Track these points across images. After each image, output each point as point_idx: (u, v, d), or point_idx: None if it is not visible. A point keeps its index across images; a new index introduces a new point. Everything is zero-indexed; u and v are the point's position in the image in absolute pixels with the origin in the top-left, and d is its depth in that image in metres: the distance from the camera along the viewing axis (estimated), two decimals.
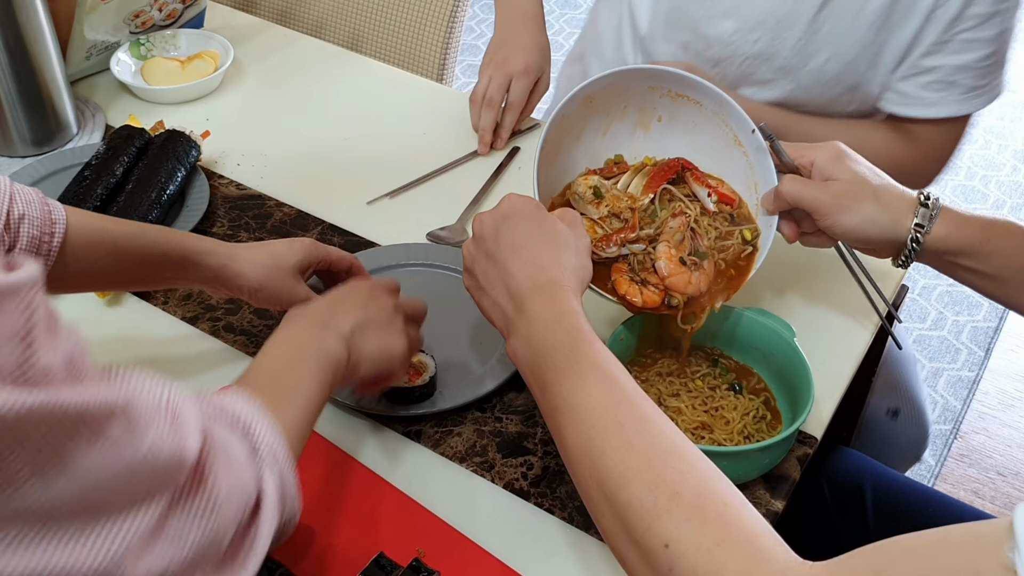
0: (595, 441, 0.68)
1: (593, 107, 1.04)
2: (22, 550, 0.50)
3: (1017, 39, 1.24)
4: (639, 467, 0.66)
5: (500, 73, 1.34)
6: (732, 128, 1.02)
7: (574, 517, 0.89)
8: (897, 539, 0.57)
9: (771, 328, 0.98)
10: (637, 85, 1.04)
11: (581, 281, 0.81)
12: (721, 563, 0.60)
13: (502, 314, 0.80)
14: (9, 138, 1.28)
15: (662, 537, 0.62)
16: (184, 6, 1.50)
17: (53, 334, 0.50)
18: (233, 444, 0.64)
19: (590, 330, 0.75)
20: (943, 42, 1.20)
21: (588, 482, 0.69)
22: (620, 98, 1.04)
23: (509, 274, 0.79)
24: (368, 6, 1.74)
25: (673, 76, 1.02)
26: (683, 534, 0.62)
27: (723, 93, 1.00)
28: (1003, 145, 3.04)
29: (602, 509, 0.68)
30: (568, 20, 3.59)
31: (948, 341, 2.38)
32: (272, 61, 1.51)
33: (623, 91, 1.04)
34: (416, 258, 1.14)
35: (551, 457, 0.94)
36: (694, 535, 0.62)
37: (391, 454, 0.94)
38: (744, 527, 0.62)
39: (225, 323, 1.07)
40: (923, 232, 0.92)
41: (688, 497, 0.63)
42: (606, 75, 1.00)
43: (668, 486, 0.64)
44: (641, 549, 0.64)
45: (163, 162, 1.18)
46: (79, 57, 1.40)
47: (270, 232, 1.18)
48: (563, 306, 0.76)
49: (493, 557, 0.85)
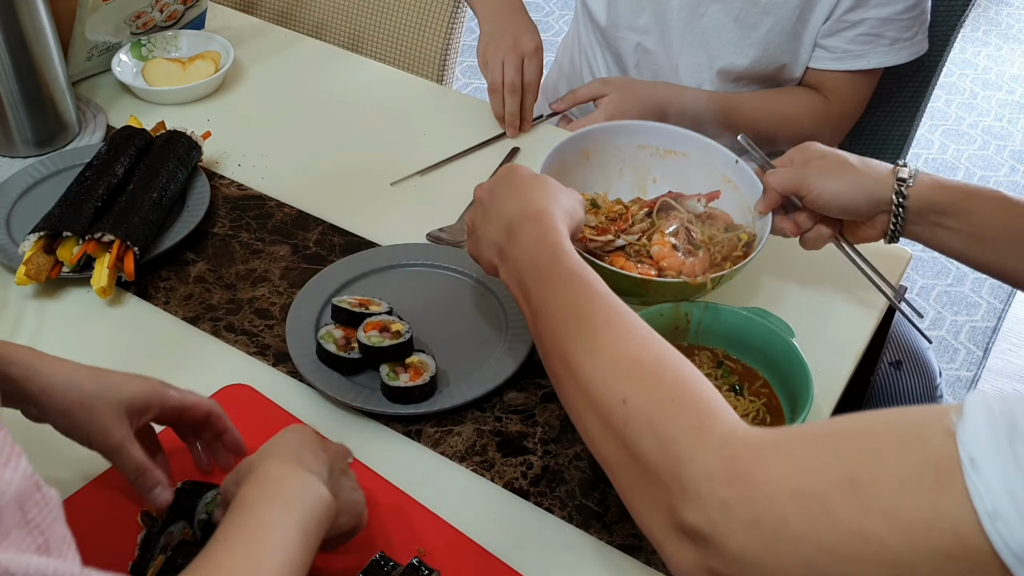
0: (568, 329, 0.73)
1: (590, 164, 1.15)
2: None
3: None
4: (604, 345, 0.70)
5: (513, 55, 1.36)
6: (719, 168, 1.12)
7: (574, 517, 0.89)
8: (849, 414, 0.60)
9: (771, 328, 0.98)
10: (627, 143, 1.16)
11: (570, 218, 0.87)
12: (674, 415, 0.63)
13: (495, 249, 0.86)
14: (11, 138, 1.29)
15: (621, 394, 0.66)
16: (185, 7, 1.50)
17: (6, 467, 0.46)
18: None
19: (570, 247, 0.81)
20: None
21: (556, 363, 0.73)
22: (616, 158, 1.16)
23: (500, 212, 0.87)
24: (368, 7, 1.74)
25: (658, 131, 1.15)
26: (640, 390, 0.66)
27: (703, 138, 1.13)
28: (1001, 146, 3.04)
29: (566, 384, 0.72)
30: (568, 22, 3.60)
31: (947, 341, 2.39)
32: (273, 62, 1.51)
33: (616, 149, 1.16)
34: (416, 258, 1.14)
35: (551, 457, 0.94)
36: (651, 391, 0.65)
37: (391, 454, 0.94)
38: (700, 392, 0.65)
39: (226, 323, 1.07)
40: (906, 186, 0.97)
41: (648, 364, 0.68)
42: (598, 128, 1.15)
43: (630, 356, 0.69)
44: (600, 410, 0.67)
45: (164, 163, 1.19)
46: (80, 58, 1.40)
47: (271, 232, 1.19)
48: (547, 226, 0.82)
49: (493, 556, 0.85)
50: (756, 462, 0.58)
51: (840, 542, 0.54)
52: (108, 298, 1.09)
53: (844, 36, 1.35)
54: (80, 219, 1.11)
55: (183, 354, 1.05)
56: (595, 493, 0.91)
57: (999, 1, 3.67)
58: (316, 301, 1.07)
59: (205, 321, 1.07)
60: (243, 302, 1.10)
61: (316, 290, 1.08)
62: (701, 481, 0.59)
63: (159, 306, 1.09)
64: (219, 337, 1.06)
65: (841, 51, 1.36)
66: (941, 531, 0.52)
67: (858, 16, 1.33)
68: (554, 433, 0.96)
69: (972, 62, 3.37)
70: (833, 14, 1.34)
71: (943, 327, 2.42)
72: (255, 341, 1.05)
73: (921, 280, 2.53)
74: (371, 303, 1.04)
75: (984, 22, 3.55)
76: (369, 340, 0.98)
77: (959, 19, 1.45)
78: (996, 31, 3.52)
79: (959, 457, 0.52)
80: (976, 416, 0.53)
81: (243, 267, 1.14)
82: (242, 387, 0.99)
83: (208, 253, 1.16)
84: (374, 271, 1.11)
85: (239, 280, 1.12)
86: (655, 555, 0.86)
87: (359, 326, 1.00)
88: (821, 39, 1.37)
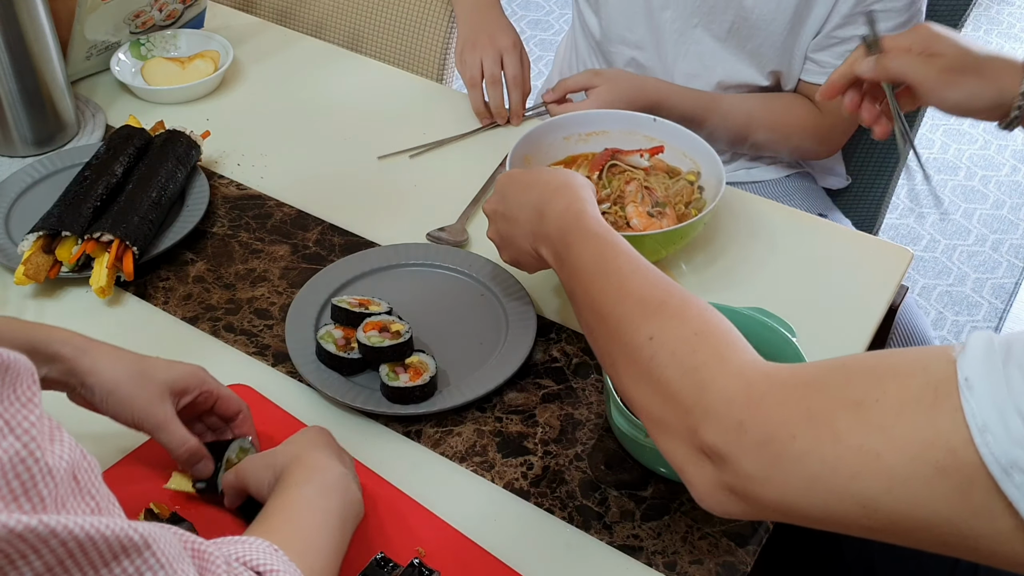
0: (597, 280, 0.78)
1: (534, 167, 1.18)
2: None
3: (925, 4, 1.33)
4: (631, 290, 0.74)
5: (491, 50, 1.37)
6: (641, 132, 1.20)
7: (574, 517, 0.89)
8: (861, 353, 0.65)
9: (771, 328, 0.98)
10: (554, 138, 1.20)
11: (586, 187, 0.90)
12: (697, 347, 0.67)
13: (531, 238, 0.90)
14: (10, 138, 1.28)
15: (647, 332, 0.70)
16: (184, 6, 1.50)
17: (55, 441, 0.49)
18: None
19: (594, 210, 0.86)
20: (857, 13, 1.29)
21: (588, 314, 0.78)
22: (549, 155, 1.21)
23: (522, 205, 0.91)
24: (368, 6, 1.74)
25: (574, 119, 1.21)
26: (666, 328, 0.70)
27: (617, 112, 1.22)
28: (1003, 145, 3.04)
29: (598, 332, 0.76)
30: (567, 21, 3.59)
31: (948, 341, 2.37)
32: (272, 61, 1.51)
33: (548, 147, 1.20)
34: (416, 258, 1.14)
35: (551, 457, 0.94)
36: (675, 328, 0.69)
37: (391, 454, 0.94)
38: (722, 328, 0.69)
39: (225, 323, 1.07)
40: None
41: (673, 305, 0.72)
42: (529, 133, 1.17)
43: (656, 298, 0.73)
44: (627, 347, 0.71)
45: (163, 162, 1.18)
46: (79, 57, 1.40)
47: (271, 232, 1.18)
48: (570, 196, 0.87)
49: (493, 557, 0.85)
50: (770, 388, 0.62)
51: (840, 458, 0.58)
52: (107, 298, 1.09)
53: (834, 51, 1.35)
54: (79, 219, 1.11)
55: (182, 354, 1.04)
56: (595, 494, 0.91)
57: (1000, 1, 3.66)
58: (316, 301, 1.07)
59: (204, 321, 1.07)
60: (242, 302, 1.09)
61: (316, 290, 1.08)
62: (720, 404, 0.63)
63: (158, 306, 1.09)
64: (218, 337, 1.05)
65: (831, 66, 1.35)
66: (935, 445, 0.55)
67: (848, 32, 1.32)
68: (554, 433, 0.96)
69: None
70: (823, 29, 1.34)
71: (944, 327, 2.42)
72: (254, 341, 1.05)
73: (923, 280, 2.53)
74: (371, 303, 1.03)
75: (985, 21, 3.55)
76: (369, 340, 0.98)
77: (960, 18, 1.45)
78: (997, 30, 3.51)
79: (957, 379, 0.55)
80: (976, 345, 0.56)
81: (242, 267, 1.14)
82: (241, 387, 0.99)
83: (207, 253, 1.16)
84: (374, 271, 1.11)
85: (238, 280, 1.12)
86: (655, 555, 0.86)
87: (359, 326, 0.99)
88: (811, 53, 1.37)
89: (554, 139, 1.21)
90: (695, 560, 0.85)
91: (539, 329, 1.05)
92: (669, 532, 0.88)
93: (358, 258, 1.13)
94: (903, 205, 2.76)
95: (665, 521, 0.89)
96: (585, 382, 1.01)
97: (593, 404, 0.99)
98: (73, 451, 0.50)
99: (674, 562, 0.85)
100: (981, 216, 2.73)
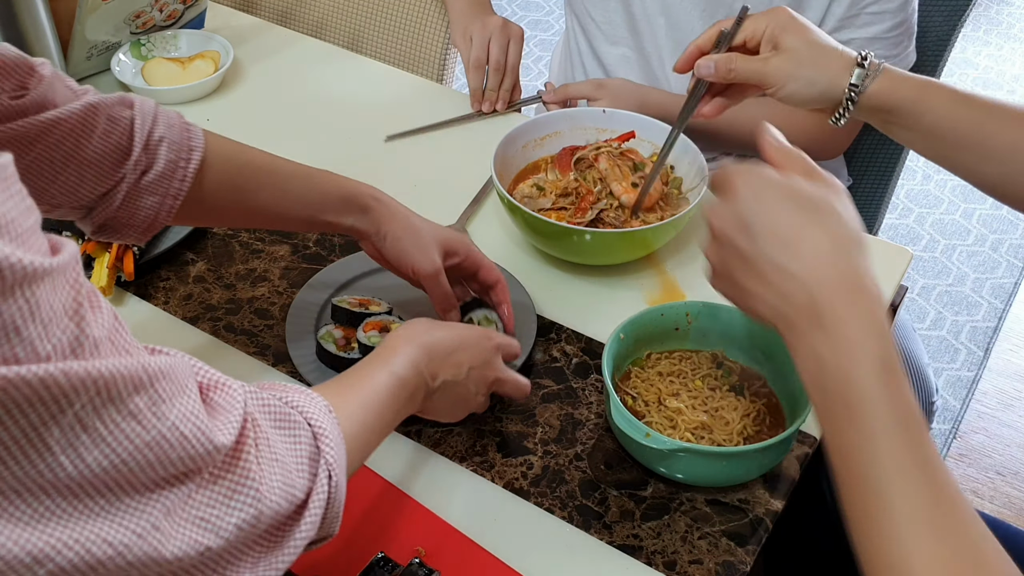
0: (901, 539, 0.61)
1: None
2: (53, 523, 0.49)
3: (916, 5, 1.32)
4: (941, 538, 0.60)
5: (501, 35, 1.38)
6: (591, 126, 1.24)
7: (574, 517, 0.89)
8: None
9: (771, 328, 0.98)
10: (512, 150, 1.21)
11: (867, 275, 0.67)
12: None
13: (782, 322, 0.70)
14: None
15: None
16: (184, 7, 1.50)
17: (96, 310, 0.52)
18: (282, 440, 0.64)
19: (900, 375, 0.64)
20: (851, 16, 1.30)
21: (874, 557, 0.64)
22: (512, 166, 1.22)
23: (778, 268, 0.68)
24: (368, 6, 1.74)
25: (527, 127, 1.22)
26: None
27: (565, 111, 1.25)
28: None
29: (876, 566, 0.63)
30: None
31: (947, 341, 2.38)
32: (272, 61, 1.51)
33: (510, 159, 1.21)
34: None
35: (551, 457, 0.94)
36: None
37: (391, 454, 0.94)
38: None
39: (225, 323, 1.07)
40: (857, 91, 0.98)
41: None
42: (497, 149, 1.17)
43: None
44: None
45: None
46: (80, 57, 1.40)
47: (271, 232, 1.18)
48: (869, 327, 0.65)
49: (493, 557, 0.85)
50: None
51: None
52: (108, 298, 1.09)
53: None
54: None
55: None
56: (595, 493, 0.91)
57: (1000, 1, 3.66)
58: (316, 301, 1.07)
59: (205, 321, 1.07)
60: (243, 302, 1.09)
61: (316, 290, 1.08)
62: None
63: (159, 306, 1.09)
64: (219, 337, 1.06)
65: None
66: None
67: (844, 37, 1.31)
68: (554, 433, 0.96)
69: (973, 62, 3.37)
70: None
71: (944, 327, 2.42)
72: (255, 341, 1.05)
73: (922, 280, 2.53)
74: (371, 303, 1.04)
75: (985, 21, 3.55)
76: (369, 340, 0.98)
77: (960, 19, 1.45)
78: (997, 31, 3.52)
79: None
80: None
81: (243, 267, 1.14)
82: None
83: (208, 253, 1.16)
84: (374, 271, 1.11)
85: (239, 280, 1.12)
86: (655, 555, 0.86)
87: (359, 326, 1.00)
88: None
89: (514, 151, 1.21)
90: (695, 560, 0.86)
91: (539, 329, 1.05)
92: (669, 532, 0.88)
93: (358, 258, 1.13)
94: (903, 205, 2.76)
95: (665, 521, 0.89)
96: (585, 382, 1.01)
97: (593, 404, 0.99)
98: (108, 315, 0.53)
99: (674, 562, 0.85)
100: (981, 216, 2.74)
